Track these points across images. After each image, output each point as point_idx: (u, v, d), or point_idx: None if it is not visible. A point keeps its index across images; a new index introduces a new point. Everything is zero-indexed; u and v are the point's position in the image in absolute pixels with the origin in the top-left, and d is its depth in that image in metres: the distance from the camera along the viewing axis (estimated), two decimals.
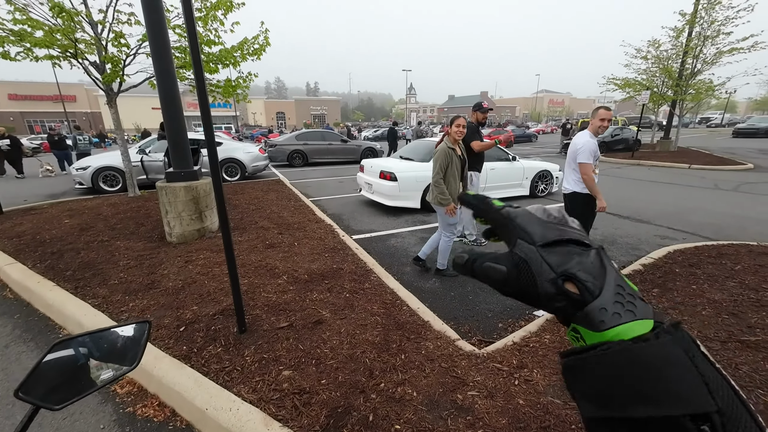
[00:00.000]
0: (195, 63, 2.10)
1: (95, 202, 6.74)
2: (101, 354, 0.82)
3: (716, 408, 0.21)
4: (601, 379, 0.24)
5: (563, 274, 0.28)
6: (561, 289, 0.28)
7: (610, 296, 0.26)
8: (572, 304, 0.27)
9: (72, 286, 3.30)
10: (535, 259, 0.29)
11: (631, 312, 0.26)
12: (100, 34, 5.96)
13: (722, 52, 13.15)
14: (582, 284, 0.27)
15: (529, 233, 0.31)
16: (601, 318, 0.26)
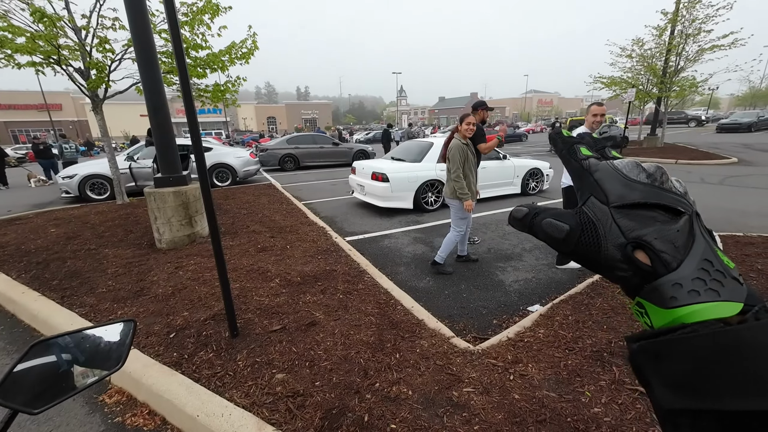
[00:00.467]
0: (180, 67, 2.07)
1: (82, 211, 6.61)
2: (83, 355, 0.78)
3: None
4: (689, 366, 0.20)
5: (635, 240, 0.24)
6: (628, 257, 0.24)
7: (690, 271, 0.23)
8: (641, 276, 0.24)
9: (58, 295, 3.22)
10: (605, 221, 0.26)
11: (713, 291, 0.22)
12: (84, 39, 5.87)
13: (704, 49, 13.47)
14: (655, 254, 0.24)
15: (605, 191, 0.27)
16: (673, 294, 0.22)
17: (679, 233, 0.24)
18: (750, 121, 23.72)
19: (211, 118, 50.71)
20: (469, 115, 3.54)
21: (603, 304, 2.76)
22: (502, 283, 3.44)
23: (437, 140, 6.59)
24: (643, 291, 0.24)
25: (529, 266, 3.82)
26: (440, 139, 6.70)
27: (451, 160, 3.47)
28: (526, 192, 7.30)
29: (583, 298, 2.90)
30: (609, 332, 2.39)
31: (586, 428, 1.66)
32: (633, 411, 1.74)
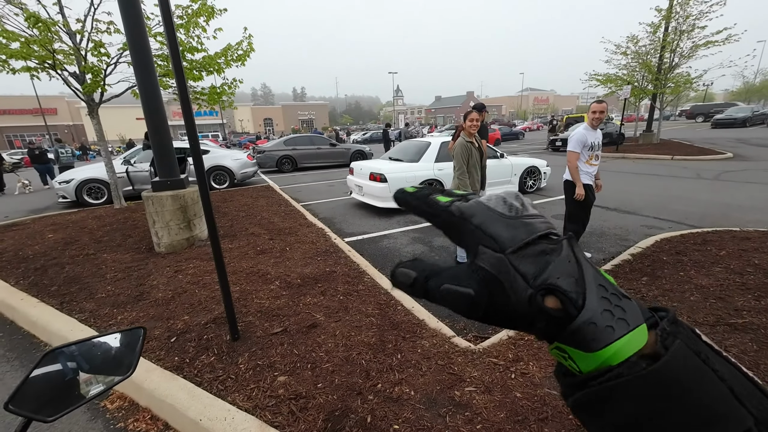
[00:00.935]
0: (176, 70, 2.07)
1: (80, 216, 6.59)
2: (95, 363, 0.79)
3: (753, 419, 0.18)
4: (624, 415, 0.20)
5: (542, 286, 0.22)
6: (540, 308, 0.22)
7: (595, 304, 0.21)
8: (554, 323, 0.22)
9: (57, 301, 3.21)
10: (507, 273, 0.22)
11: (623, 321, 0.21)
12: (79, 43, 5.84)
13: (698, 45, 13.52)
14: (565, 296, 0.21)
15: (493, 236, 0.24)
16: (592, 336, 0.20)
17: (570, 264, 0.22)
18: (745, 116, 23.85)
19: (207, 120, 50.59)
20: (472, 111, 3.57)
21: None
22: None
23: (435, 140, 6.60)
24: (562, 337, 0.22)
25: None
26: (438, 138, 6.71)
27: (455, 158, 3.50)
28: (523, 190, 7.32)
29: None
30: None
31: None
32: None
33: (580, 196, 3.56)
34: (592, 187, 3.67)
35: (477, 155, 3.52)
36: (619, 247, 4.12)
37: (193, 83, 6.88)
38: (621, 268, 3.39)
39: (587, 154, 3.56)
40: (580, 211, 3.71)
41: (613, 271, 3.34)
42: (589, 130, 3.53)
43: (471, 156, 3.46)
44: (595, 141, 3.55)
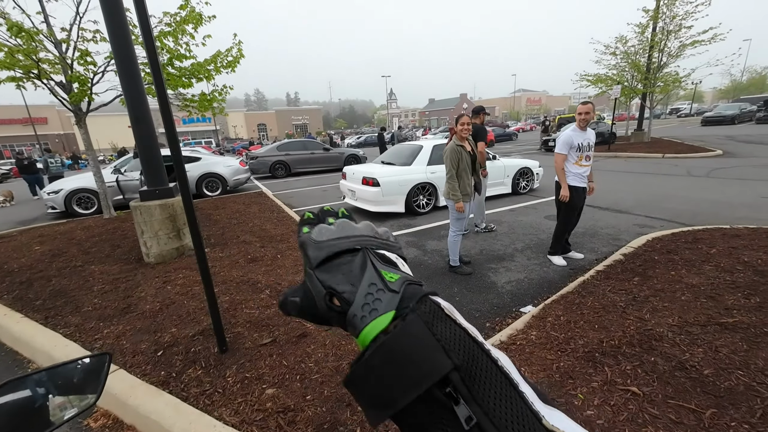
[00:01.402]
0: (156, 78, 2.03)
1: (68, 227, 6.49)
2: (59, 390, 0.76)
3: (452, 366, 0.22)
4: (372, 384, 0.24)
5: (328, 290, 0.28)
6: (328, 306, 0.28)
7: (360, 300, 0.27)
8: (341, 317, 0.28)
9: (42, 316, 3.14)
10: (312, 282, 0.30)
11: (375, 310, 0.26)
12: (65, 53, 5.78)
13: (685, 45, 13.71)
14: (340, 296, 0.28)
15: (308, 258, 0.31)
16: (354, 324, 0.26)
17: (355, 270, 0.29)
18: (733, 114, 24.21)
19: (200, 127, 50.38)
20: (463, 115, 3.56)
21: (594, 303, 2.77)
22: (494, 284, 3.44)
23: (427, 143, 6.60)
24: (347, 328, 0.28)
25: (521, 266, 3.82)
26: (430, 141, 6.71)
27: (445, 162, 3.49)
28: (517, 191, 7.34)
29: (574, 297, 2.90)
30: (600, 332, 2.39)
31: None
32: (625, 412, 1.73)
33: (564, 197, 3.58)
34: (582, 189, 3.65)
35: (468, 159, 3.51)
36: (612, 247, 4.13)
37: (183, 90, 6.83)
38: (613, 269, 3.38)
39: (575, 155, 3.55)
40: (568, 212, 3.71)
41: (606, 272, 3.33)
42: (577, 131, 3.53)
43: (461, 160, 3.45)
44: (584, 142, 3.52)
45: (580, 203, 3.70)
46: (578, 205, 3.69)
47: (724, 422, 1.62)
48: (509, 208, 6.30)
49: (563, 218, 3.76)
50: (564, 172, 3.60)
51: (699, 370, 1.94)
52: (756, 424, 1.59)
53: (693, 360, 2.03)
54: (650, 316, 2.51)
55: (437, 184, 6.18)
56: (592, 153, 3.61)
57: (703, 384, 1.85)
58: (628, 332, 2.34)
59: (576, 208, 3.71)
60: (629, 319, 2.51)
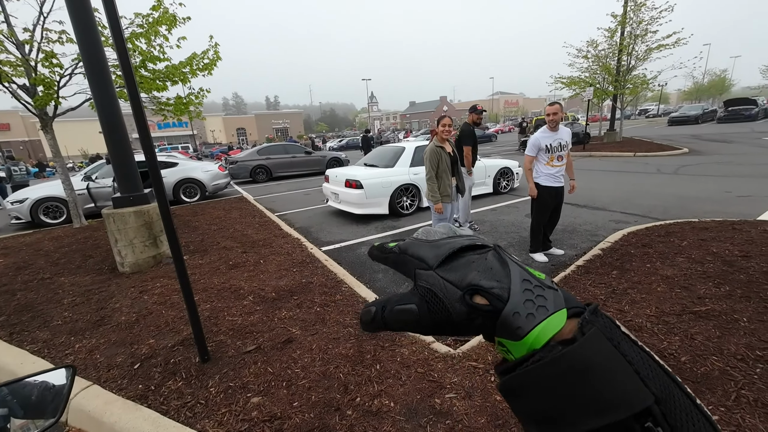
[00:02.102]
0: (128, 81, 1.95)
1: (34, 237, 6.14)
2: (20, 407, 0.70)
3: (653, 398, 0.20)
4: (542, 397, 0.21)
5: (468, 287, 0.25)
6: (469, 305, 0.25)
7: (518, 296, 0.24)
8: (488, 317, 0.25)
9: (6, 332, 2.94)
10: (437, 283, 0.26)
11: (543, 307, 0.23)
12: (28, 54, 5.49)
13: (651, 48, 14.41)
14: (488, 292, 0.25)
15: (422, 258, 0.28)
16: (517, 324, 0.23)
17: (494, 266, 0.26)
18: (697, 114, 25.57)
19: (177, 131, 49.03)
20: (445, 116, 3.58)
21: (575, 296, 2.82)
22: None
23: (409, 144, 6.63)
24: (497, 331, 0.24)
25: None
26: (412, 143, 6.75)
27: (425, 163, 3.51)
28: (498, 191, 7.47)
29: None
30: None
31: None
32: None
33: (531, 194, 3.76)
34: (556, 190, 3.71)
35: (448, 160, 3.54)
36: (590, 243, 4.25)
37: (158, 93, 6.61)
38: (592, 263, 3.48)
39: (545, 156, 3.63)
40: (540, 209, 3.81)
41: (585, 267, 3.42)
42: (547, 132, 3.60)
43: (441, 161, 3.47)
44: (554, 143, 3.57)
45: (553, 201, 3.77)
46: (550, 203, 3.77)
47: None
48: (491, 208, 6.40)
49: (535, 215, 3.87)
50: (531, 172, 3.74)
51: (677, 358, 2.02)
52: (731, 407, 1.66)
53: (671, 348, 2.10)
54: (629, 307, 2.59)
55: (420, 186, 6.21)
56: (565, 153, 3.65)
57: (681, 371, 1.92)
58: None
59: (547, 206, 3.79)
60: (609, 311, 2.58)
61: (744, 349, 2.01)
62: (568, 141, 3.63)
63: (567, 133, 3.64)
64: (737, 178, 7.28)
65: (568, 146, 3.64)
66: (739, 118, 22.83)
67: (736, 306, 2.44)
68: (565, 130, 3.64)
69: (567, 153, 3.68)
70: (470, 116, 4.76)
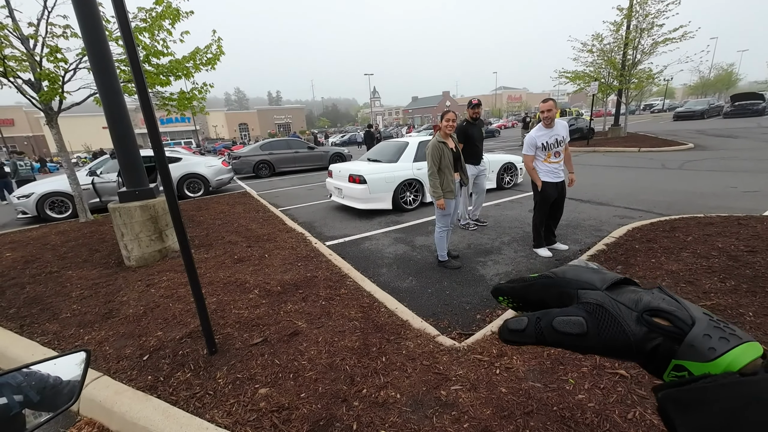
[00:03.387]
0: (136, 75, 1.96)
1: (41, 232, 6.20)
2: (34, 392, 0.72)
3: None
4: (719, 416, 0.21)
5: (645, 309, 0.26)
6: (653, 325, 0.26)
7: (705, 322, 0.25)
8: (670, 338, 0.25)
9: (17, 324, 2.99)
10: (609, 302, 0.27)
11: (735, 335, 0.24)
12: (33, 49, 5.50)
13: (657, 42, 14.24)
14: (671, 315, 0.26)
15: (588, 281, 0.29)
16: (709, 345, 0.24)
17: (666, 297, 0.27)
18: (702, 109, 25.31)
19: (180, 127, 49.02)
20: (449, 111, 3.57)
21: None
22: (483, 277, 3.48)
23: (413, 139, 6.62)
24: (679, 353, 0.25)
25: (509, 259, 3.89)
26: (416, 138, 6.73)
27: (427, 158, 3.50)
28: (501, 186, 7.45)
29: None
30: None
31: (571, 415, 1.68)
32: (614, 394, 1.78)
33: (537, 185, 3.76)
34: (556, 185, 3.70)
35: (450, 156, 3.51)
36: (594, 238, 4.25)
37: (161, 88, 6.61)
38: (597, 258, 3.48)
39: (542, 154, 3.64)
40: (541, 204, 3.83)
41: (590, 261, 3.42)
42: (542, 129, 3.60)
43: (443, 157, 3.45)
44: (549, 140, 3.57)
45: (554, 196, 3.76)
46: (550, 197, 3.76)
47: None
48: (494, 203, 6.39)
49: (536, 210, 3.89)
50: (534, 171, 3.75)
51: None
52: None
53: None
54: None
55: (424, 181, 6.21)
56: (562, 149, 3.62)
57: None
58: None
59: (547, 201, 3.79)
60: None
61: None
62: (565, 135, 3.61)
63: (563, 127, 3.62)
64: (743, 173, 7.23)
65: (566, 140, 3.62)
66: (746, 113, 22.58)
67: (742, 301, 2.44)
68: (561, 124, 3.63)
69: (565, 147, 3.66)
70: (467, 111, 4.80)
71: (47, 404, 0.71)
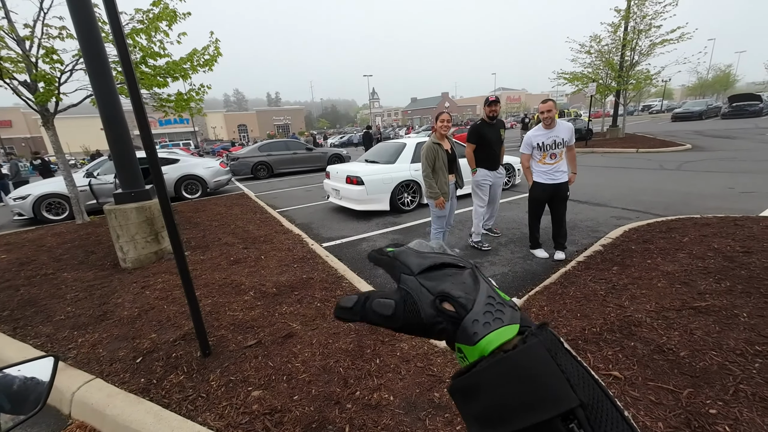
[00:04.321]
0: (128, 77, 1.95)
1: (37, 233, 6.18)
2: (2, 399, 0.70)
3: (579, 402, 0.22)
4: (484, 397, 0.24)
5: (440, 294, 0.29)
6: (438, 309, 0.28)
7: (480, 308, 0.27)
8: (451, 322, 0.28)
9: (10, 327, 2.97)
10: (415, 288, 0.30)
11: (499, 319, 0.26)
12: (29, 50, 5.49)
13: (655, 43, 14.27)
14: (455, 301, 0.28)
15: (408, 265, 0.32)
16: (474, 330, 0.26)
17: (467, 281, 0.30)
18: (701, 110, 25.38)
19: (178, 128, 49.01)
20: (444, 112, 3.56)
21: (576, 293, 2.83)
22: None
23: (410, 141, 6.62)
24: (456, 336, 0.27)
25: (505, 260, 3.88)
26: (413, 139, 6.73)
27: (421, 160, 3.50)
28: None
29: (557, 288, 2.97)
30: (582, 320, 2.45)
31: None
32: None
33: (528, 182, 3.80)
34: (548, 186, 3.63)
35: (444, 157, 3.51)
36: (591, 239, 4.25)
37: (159, 90, 6.60)
38: (593, 259, 3.48)
39: (538, 154, 3.62)
40: (530, 204, 3.87)
41: (586, 262, 3.42)
42: (541, 130, 3.57)
43: (438, 158, 3.45)
44: (547, 140, 3.51)
45: (543, 197, 3.72)
46: (538, 198, 3.75)
47: (700, 400, 1.69)
48: None
49: (529, 211, 3.92)
50: (529, 170, 3.75)
51: (676, 353, 2.02)
52: (729, 401, 1.66)
53: (670, 343, 2.10)
54: (629, 303, 2.59)
55: (421, 182, 6.20)
56: (559, 151, 3.54)
57: (680, 365, 1.92)
58: (608, 319, 2.40)
59: (535, 201, 3.80)
60: (609, 306, 2.58)
61: (743, 344, 2.01)
62: (567, 138, 3.51)
63: (566, 129, 3.53)
64: (740, 174, 7.24)
65: (566, 143, 3.53)
66: (744, 114, 22.64)
67: (737, 301, 2.43)
68: (564, 127, 3.55)
69: (570, 147, 3.61)
70: (497, 106, 4.13)
71: (13, 410, 0.69)
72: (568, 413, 0.21)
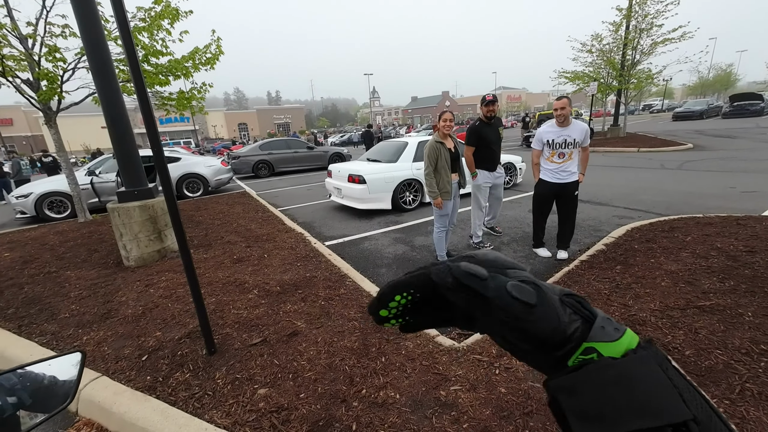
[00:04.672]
0: (134, 74, 1.95)
1: (40, 232, 6.19)
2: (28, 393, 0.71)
3: (692, 416, 0.22)
4: (594, 396, 0.24)
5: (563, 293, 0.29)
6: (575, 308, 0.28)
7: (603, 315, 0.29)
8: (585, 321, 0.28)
9: (15, 325, 2.98)
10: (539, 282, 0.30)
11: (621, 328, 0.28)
12: (31, 48, 5.49)
13: (656, 42, 14.25)
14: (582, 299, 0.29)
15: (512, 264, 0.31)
16: (615, 327, 0.27)
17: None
18: (701, 109, 25.34)
19: (179, 127, 48.96)
20: (446, 111, 3.56)
21: (579, 292, 2.83)
22: None
23: (412, 139, 6.61)
24: (591, 335, 0.27)
25: None
26: (415, 138, 6.73)
27: (424, 159, 3.50)
28: None
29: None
30: None
31: None
32: None
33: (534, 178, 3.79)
34: (553, 185, 3.61)
35: (447, 156, 3.50)
36: (594, 238, 4.25)
37: (160, 88, 6.60)
38: (596, 258, 3.48)
39: (548, 151, 3.59)
40: (534, 202, 3.86)
41: (589, 262, 3.42)
42: (554, 127, 3.53)
43: (440, 157, 3.44)
44: (558, 138, 3.47)
45: (546, 195, 3.71)
46: (541, 195, 3.75)
47: None
48: None
49: (533, 208, 3.91)
50: (537, 167, 3.73)
51: (681, 351, 2.02)
52: (735, 399, 1.67)
53: (675, 342, 2.11)
54: (633, 302, 2.60)
55: (423, 181, 6.20)
56: (569, 151, 3.47)
57: (685, 364, 1.93)
58: (613, 318, 2.41)
59: (538, 198, 3.80)
60: (613, 305, 2.59)
61: (748, 343, 2.01)
62: (579, 138, 3.43)
63: (579, 130, 3.43)
64: (742, 173, 7.24)
65: (579, 144, 3.46)
66: (745, 114, 22.59)
67: (741, 300, 2.44)
68: (578, 127, 3.44)
69: (584, 148, 3.55)
70: (495, 106, 4.05)
71: (42, 405, 0.70)
72: (680, 425, 0.22)
